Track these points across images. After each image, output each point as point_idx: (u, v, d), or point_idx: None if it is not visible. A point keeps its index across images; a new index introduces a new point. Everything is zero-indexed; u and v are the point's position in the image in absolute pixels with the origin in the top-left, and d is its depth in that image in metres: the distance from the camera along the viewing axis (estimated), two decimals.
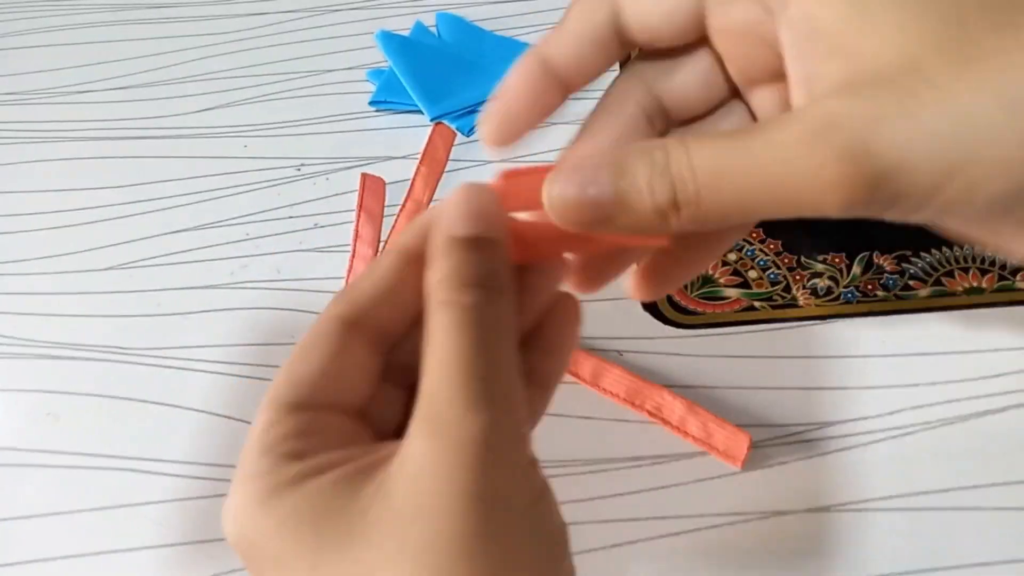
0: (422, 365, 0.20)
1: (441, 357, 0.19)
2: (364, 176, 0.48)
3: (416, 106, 0.52)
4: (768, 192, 0.19)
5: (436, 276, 0.21)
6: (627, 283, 0.25)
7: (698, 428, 0.36)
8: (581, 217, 0.20)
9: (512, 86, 0.24)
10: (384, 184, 0.48)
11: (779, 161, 0.18)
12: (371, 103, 0.53)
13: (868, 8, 0.19)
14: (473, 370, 0.19)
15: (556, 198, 0.20)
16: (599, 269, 0.25)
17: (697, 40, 0.23)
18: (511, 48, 0.54)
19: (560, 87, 0.24)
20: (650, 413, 0.37)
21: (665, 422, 0.36)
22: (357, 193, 0.47)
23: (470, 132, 0.51)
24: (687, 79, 0.24)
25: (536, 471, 0.20)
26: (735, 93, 0.24)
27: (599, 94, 0.26)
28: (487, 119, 0.24)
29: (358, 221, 0.46)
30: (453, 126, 0.51)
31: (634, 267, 0.26)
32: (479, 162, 0.49)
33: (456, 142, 0.50)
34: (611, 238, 0.22)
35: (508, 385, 0.20)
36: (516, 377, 0.20)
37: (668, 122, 0.24)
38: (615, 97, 0.25)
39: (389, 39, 0.54)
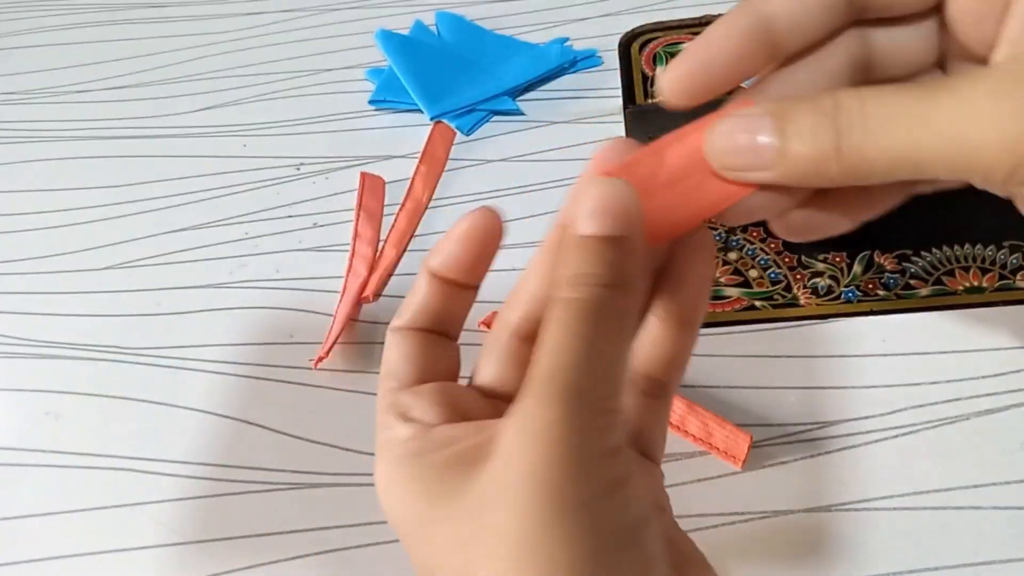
0: (534, 351, 0.20)
1: (546, 346, 0.19)
2: (364, 175, 0.48)
3: (415, 105, 0.52)
4: (944, 145, 0.18)
5: (563, 273, 0.20)
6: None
7: (698, 427, 0.36)
8: (741, 163, 0.20)
9: (719, 35, 0.21)
10: (384, 183, 0.48)
11: (963, 114, 0.18)
12: (370, 102, 0.53)
13: None
14: (566, 362, 0.19)
15: (718, 143, 0.20)
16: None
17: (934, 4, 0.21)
18: (510, 47, 0.54)
19: (771, 49, 0.21)
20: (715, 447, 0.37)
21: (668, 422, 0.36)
22: (356, 192, 0.47)
23: (470, 131, 0.51)
24: (909, 38, 0.22)
25: (617, 461, 0.20)
26: (940, 64, 0.22)
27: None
28: (679, 64, 0.21)
29: (357, 220, 0.46)
30: (453, 125, 0.51)
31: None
32: (480, 161, 0.49)
33: (456, 141, 0.50)
34: (748, 203, 0.21)
35: (601, 379, 0.19)
36: (617, 373, 0.20)
37: (868, 80, 0.22)
38: (827, 39, 0.22)
39: (388, 38, 0.54)
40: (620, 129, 0.48)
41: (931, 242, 0.40)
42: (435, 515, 0.20)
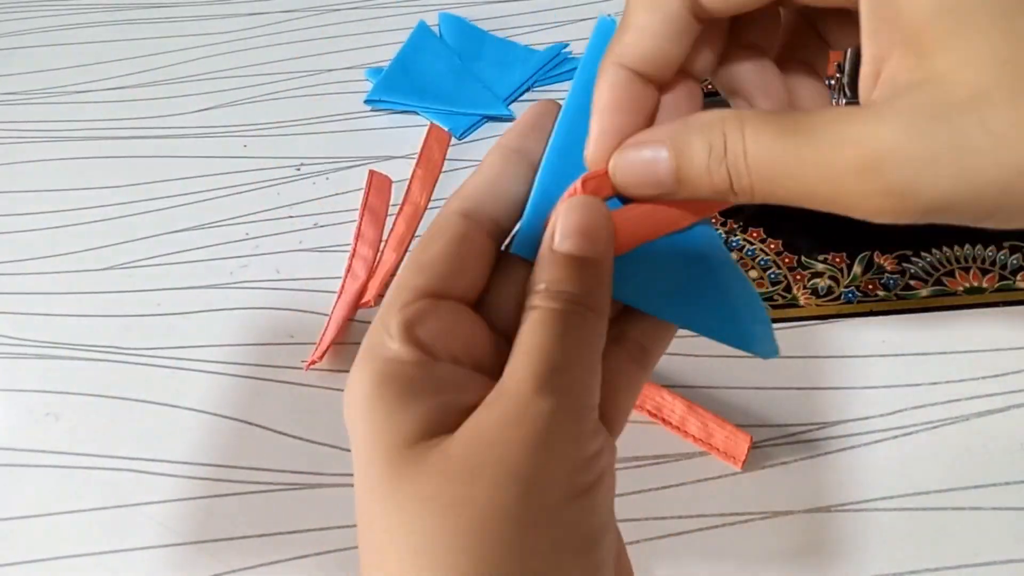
0: (512, 352, 0.21)
1: (527, 346, 0.20)
2: (372, 173, 0.48)
3: (411, 106, 0.52)
4: (816, 198, 0.20)
5: (539, 282, 0.21)
6: None
7: (698, 428, 0.36)
8: (645, 192, 0.22)
9: (607, 103, 0.23)
10: (391, 183, 0.48)
11: (829, 179, 0.19)
12: (366, 101, 0.53)
13: (961, 12, 0.19)
14: (552, 362, 0.20)
15: (621, 174, 0.22)
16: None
17: None
18: (510, 51, 0.54)
19: (653, 87, 0.23)
20: (650, 413, 0.37)
21: (665, 422, 0.36)
22: (363, 190, 0.47)
23: (462, 135, 0.51)
24: None
25: (595, 464, 0.20)
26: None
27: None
28: (595, 143, 0.23)
29: (361, 219, 0.46)
30: (446, 128, 0.51)
31: None
32: (478, 162, 0.49)
33: (453, 142, 0.50)
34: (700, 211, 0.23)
35: (582, 385, 0.20)
36: (593, 383, 0.21)
37: (707, 14, 0.22)
38: None
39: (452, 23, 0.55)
40: None
41: (931, 243, 0.40)
42: (407, 459, 0.20)
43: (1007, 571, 0.31)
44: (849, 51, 0.41)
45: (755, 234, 0.42)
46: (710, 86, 0.25)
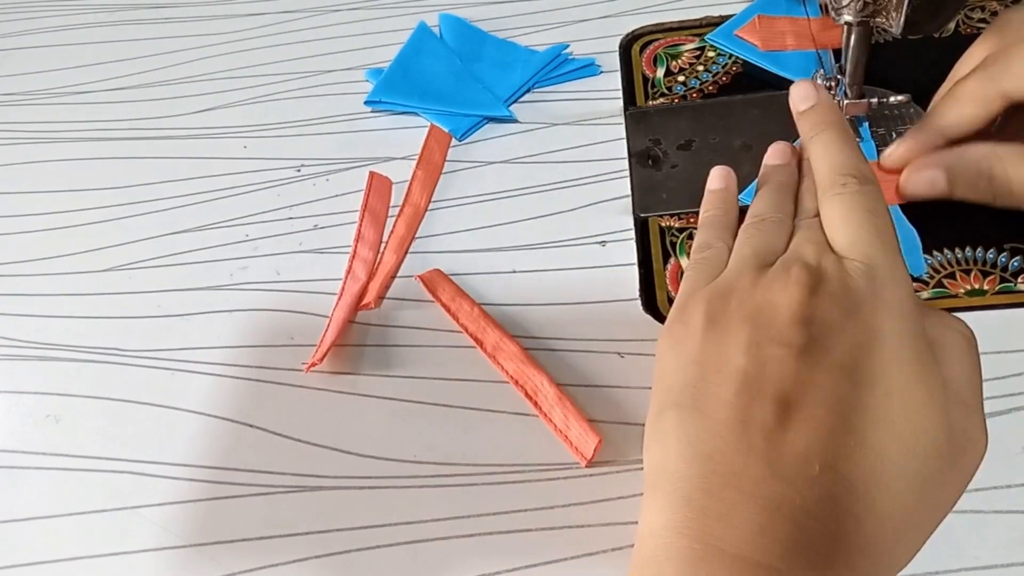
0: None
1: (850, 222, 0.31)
2: (372, 174, 0.48)
3: (411, 107, 0.52)
4: None
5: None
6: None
7: (561, 419, 0.37)
8: (923, 196, 0.39)
9: (910, 146, 0.39)
10: (391, 184, 0.48)
11: None
12: (366, 103, 0.53)
13: None
14: (886, 231, 0.30)
15: (910, 186, 0.39)
16: None
17: None
18: (510, 52, 0.54)
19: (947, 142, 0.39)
20: (528, 395, 0.38)
21: (537, 406, 0.38)
22: (363, 192, 0.47)
23: (463, 136, 0.50)
24: None
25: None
26: None
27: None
28: (895, 157, 0.40)
29: (361, 221, 0.46)
30: (446, 129, 0.51)
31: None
32: (479, 163, 0.49)
33: (453, 143, 0.50)
34: None
35: (891, 231, 0.30)
36: (892, 226, 0.31)
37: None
38: (970, 96, 0.38)
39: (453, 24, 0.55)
40: (621, 131, 0.48)
41: (932, 245, 0.40)
42: None
43: (1009, 574, 0.31)
44: (851, 52, 0.41)
45: None
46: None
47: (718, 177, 0.38)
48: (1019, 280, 0.38)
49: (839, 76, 0.43)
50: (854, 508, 0.25)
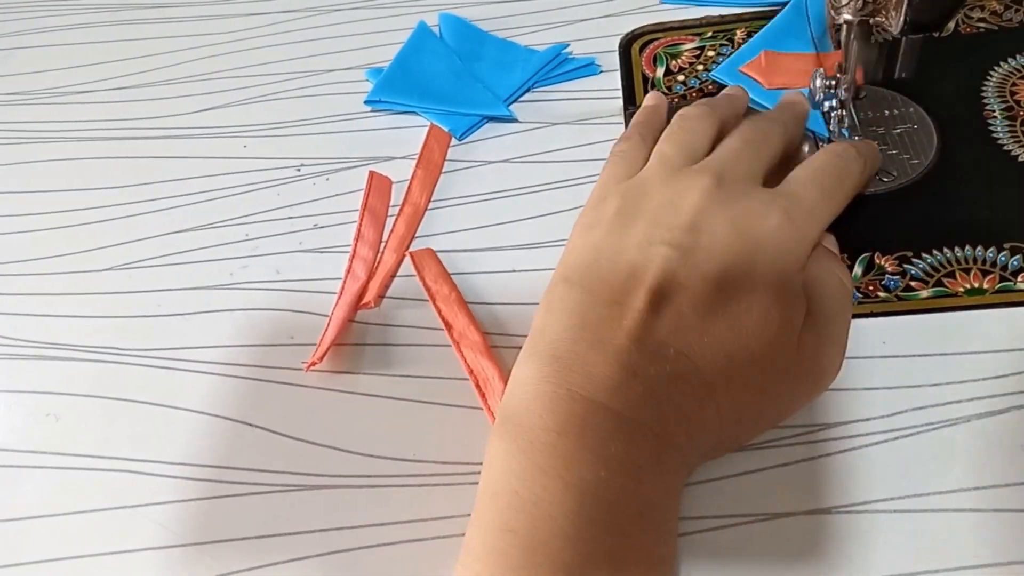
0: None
1: (810, 166, 0.35)
2: (372, 174, 0.48)
3: (412, 107, 0.52)
4: None
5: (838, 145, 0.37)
6: None
7: (484, 381, 0.39)
8: None
9: None
10: (391, 184, 0.48)
11: None
12: (366, 102, 0.53)
13: None
14: (824, 179, 0.34)
15: None
16: None
17: None
18: (510, 52, 0.54)
19: None
20: (477, 386, 0.39)
21: (484, 398, 0.39)
22: (363, 191, 0.47)
23: (463, 135, 0.50)
24: None
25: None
26: None
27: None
28: None
29: (361, 220, 0.46)
30: (446, 128, 0.51)
31: None
32: (479, 162, 0.49)
33: (453, 143, 0.50)
34: None
35: (841, 199, 0.35)
36: (844, 201, 0.35)
37: None
38: None
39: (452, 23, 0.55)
40: (621, 130, 0.48)
41: (932, 244, 0.40)
42: None
43: (1008, 573, 0.31)
44: (852, 53, 0.41)
45: None
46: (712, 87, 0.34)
47: (652, 96, 0.43)
48: (1019, 279, 0.38)
49: (838, 75, 0.43)
50: (698, 391, 0.30)
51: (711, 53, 0.51)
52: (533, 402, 0.29)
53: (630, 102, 0.50)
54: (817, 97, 0.45)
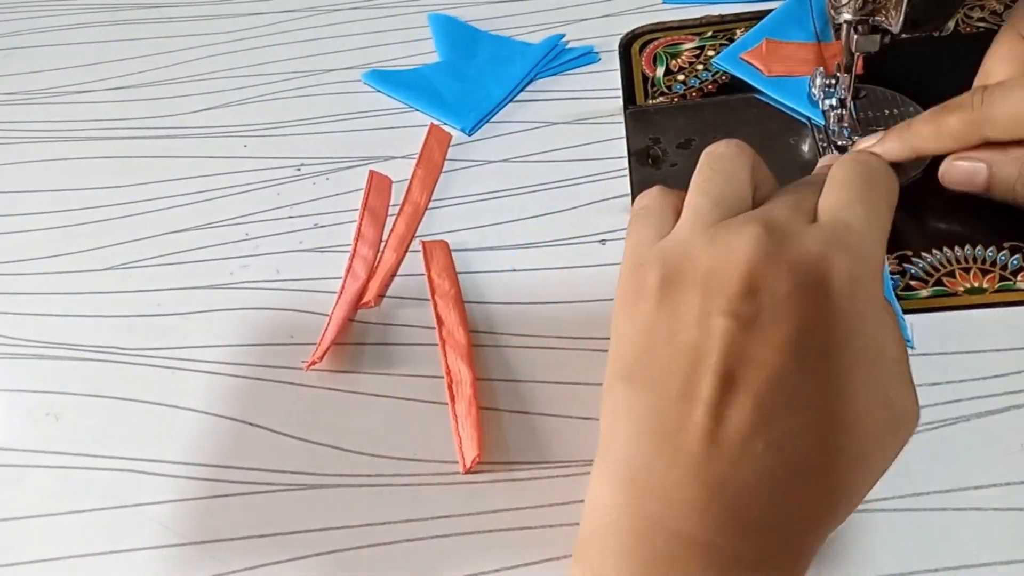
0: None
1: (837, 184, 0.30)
2: (372, 173, 0.48)
3: (410, 104, 0.52)
4: None
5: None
6: None
7: (462, 420, 0.38)
8: (964, 187, 0.38)
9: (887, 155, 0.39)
10: (391, 183, 0.48)
11: None
12: (363, 76, 0.53)
13: None
14: (859, 191, 0.29)
15: (950, 173, 0.38)
16: None
17: None
18: (506, 47, 0.54)
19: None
20: (449, 386, 0.39)
21: (452, 400, 0.38)
22: (363, 191, 0.47)
23: (472, 130, 0.50)
24: None
25: None
26: None
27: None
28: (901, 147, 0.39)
29: (361, 220, 0.46)
30: (458, 126, 0.51)
31: None
32: (480, 162, 0.49)
33: (454, 142, 0.50)
34: None
35: (883, 203, 0.30)
36: (889, 202, 0.30)
37: None
38: (952, 135, 0.38)
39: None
40: (620, 130, 0.48)
41: (932, 243, 0.40)
42: None
43: (1008, 572, 0.31)
44: (853, 53, 0.41)
45: None
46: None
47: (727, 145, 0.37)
48: (1019, 278, 0.38)
49: (839, 74, 0.43)
50: (795, 486, 0.25)
51: (711, 53, 0.51)
52: (610, 538, 0.25)
53: (630, 101, 0.50)
54: (817, 96, 0.45)
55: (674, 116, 0.48)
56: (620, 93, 0.50)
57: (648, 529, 0.25)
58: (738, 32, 0.52)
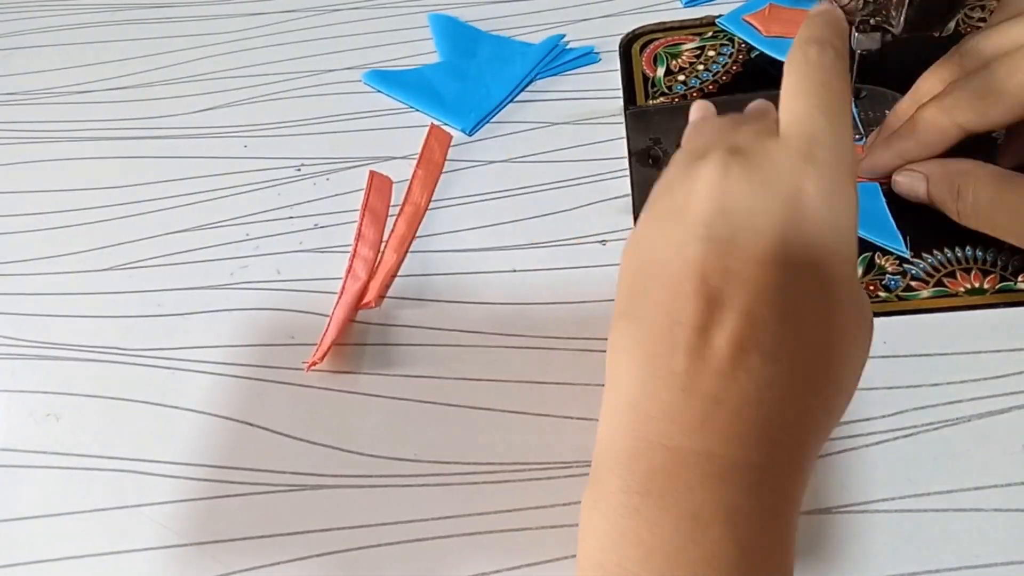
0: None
1: (789, 94, 0.29)
2: (372, 174, 0.48)
3: (410, 104, 0.52)
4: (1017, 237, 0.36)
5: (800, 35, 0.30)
6: None
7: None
8: (905, 196, 0.40)
9: (873, 167, 0.42)
10: (391, 184, 0.48)
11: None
12: (363, 76, 0.53)
13: None
14: (812, 96, 0.28)
15: (896, 183, 0.41)
16: None
17: None
18: (506, 47, 0.54)
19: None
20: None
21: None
22: (364, 191, 0.47)
23: (472, 131, 0.50)
24: None
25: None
26: None
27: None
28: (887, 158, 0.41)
29: (362, 220, 0.46)
30: (458, 127, 0.51)
31: None
32: (480, 162, 0.49)
33: (455, 142, 0.50)
34: None
35: (842, 105, 0.28)
36: (846, 102, 0.29)
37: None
38: (926, 126, 0.39)
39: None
40: (621, 130, 0.48)
41: (932, 244, 0.40)
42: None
43: (1008, 573, 0.31)
44: (857, 50, 0.41)
45: None
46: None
47: (697, 108, 0.38)
48: (1019, 279, 0.38)
49: None
50: (794, 395, 0.25)
51: (711, 53, 0.51)
52: (611, 460, 0.26)
53: (630, 102, 0.50)
54: None
55: (674, 116, 0.48)
56: (620, 93, 0.50)
57: (647, 448, 0.25)
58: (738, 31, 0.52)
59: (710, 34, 0.52)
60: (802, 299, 0.26)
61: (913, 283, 0.39)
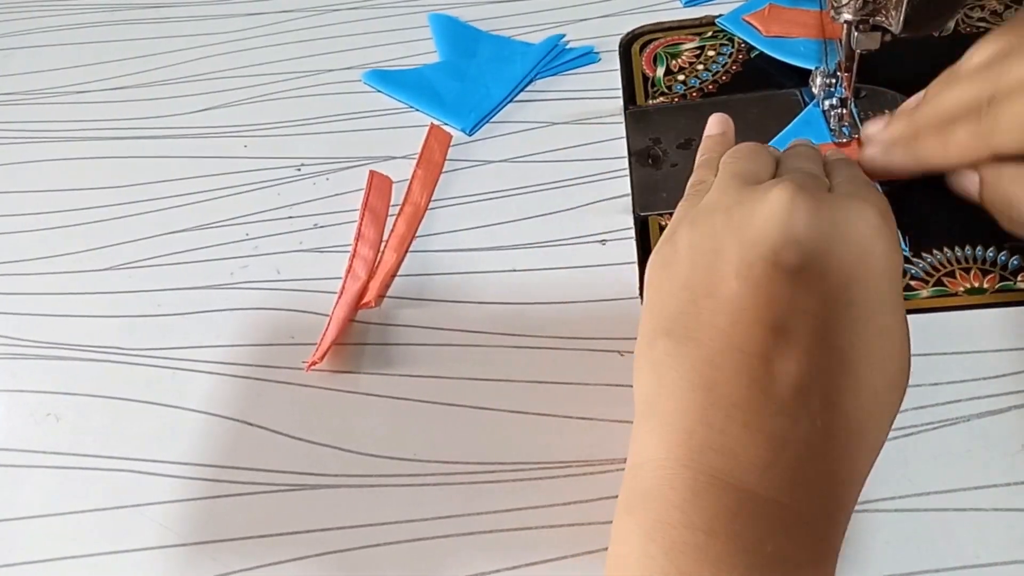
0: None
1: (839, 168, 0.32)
2: (372, 173, 0.48)
3: (410, 104, 0.52)
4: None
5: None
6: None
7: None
8: (960, 194, 0.35)
9: (887, 163, 0.38)
10: (391, 183, 0.48)
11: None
12: (363, 76, 0.53)
13: None
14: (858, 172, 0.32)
15: (953, 181, 0.35)
16: None
17: None
18: (506, 47, 0.54)
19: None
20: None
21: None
22: (363, 191, 0.47)
23: (472, 130, 0.50)
24: None
25: None
26: None
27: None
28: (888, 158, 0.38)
29: (361, 220, 0.46)
30: (458, 126, 0.51)
31: None
32: (480, 162, 0.49)
33: (455, 142, 0.50)
34: None
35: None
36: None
37: None
38: (959, 149, 0.34)
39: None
40: (621, 130, 0.48)
41: (932, 243, 0.40)
42: None
43: (1008, 572, 0.31)
44: (856, 49, 0.41)
45: None
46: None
47: (716, 123, 0.38)
48: (1019, 278, 0.38)
49: (839, 73, 0.43)
50: (850, 445, 0.25)
51: (711, 53, 0.51)
52: (670, 491, 0.25)
53: (630, 101, 0.50)
54: (818, 95, 0.45)
55: (674, 116, 0.48)
56: (620, 93, 0.50)
57: (709, 484, 0.24)
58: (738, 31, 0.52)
59: (710, 34, 0.52)
60: (862, 346, 0.25)
61: (913, 283, 0.39)
